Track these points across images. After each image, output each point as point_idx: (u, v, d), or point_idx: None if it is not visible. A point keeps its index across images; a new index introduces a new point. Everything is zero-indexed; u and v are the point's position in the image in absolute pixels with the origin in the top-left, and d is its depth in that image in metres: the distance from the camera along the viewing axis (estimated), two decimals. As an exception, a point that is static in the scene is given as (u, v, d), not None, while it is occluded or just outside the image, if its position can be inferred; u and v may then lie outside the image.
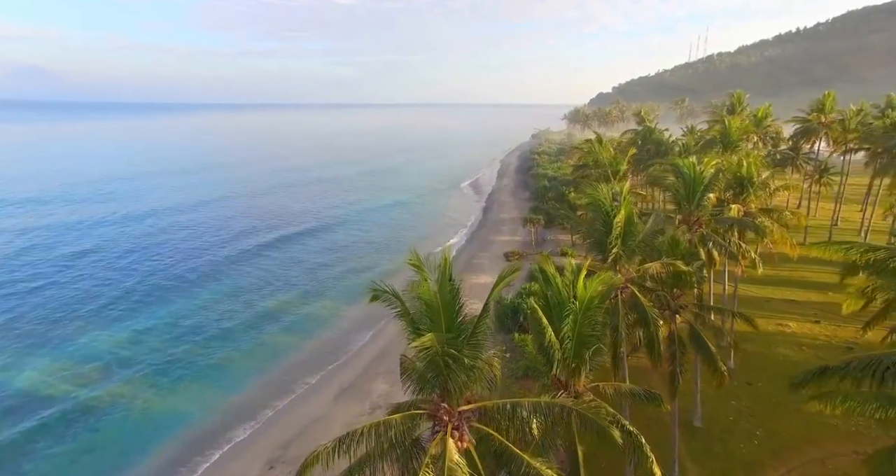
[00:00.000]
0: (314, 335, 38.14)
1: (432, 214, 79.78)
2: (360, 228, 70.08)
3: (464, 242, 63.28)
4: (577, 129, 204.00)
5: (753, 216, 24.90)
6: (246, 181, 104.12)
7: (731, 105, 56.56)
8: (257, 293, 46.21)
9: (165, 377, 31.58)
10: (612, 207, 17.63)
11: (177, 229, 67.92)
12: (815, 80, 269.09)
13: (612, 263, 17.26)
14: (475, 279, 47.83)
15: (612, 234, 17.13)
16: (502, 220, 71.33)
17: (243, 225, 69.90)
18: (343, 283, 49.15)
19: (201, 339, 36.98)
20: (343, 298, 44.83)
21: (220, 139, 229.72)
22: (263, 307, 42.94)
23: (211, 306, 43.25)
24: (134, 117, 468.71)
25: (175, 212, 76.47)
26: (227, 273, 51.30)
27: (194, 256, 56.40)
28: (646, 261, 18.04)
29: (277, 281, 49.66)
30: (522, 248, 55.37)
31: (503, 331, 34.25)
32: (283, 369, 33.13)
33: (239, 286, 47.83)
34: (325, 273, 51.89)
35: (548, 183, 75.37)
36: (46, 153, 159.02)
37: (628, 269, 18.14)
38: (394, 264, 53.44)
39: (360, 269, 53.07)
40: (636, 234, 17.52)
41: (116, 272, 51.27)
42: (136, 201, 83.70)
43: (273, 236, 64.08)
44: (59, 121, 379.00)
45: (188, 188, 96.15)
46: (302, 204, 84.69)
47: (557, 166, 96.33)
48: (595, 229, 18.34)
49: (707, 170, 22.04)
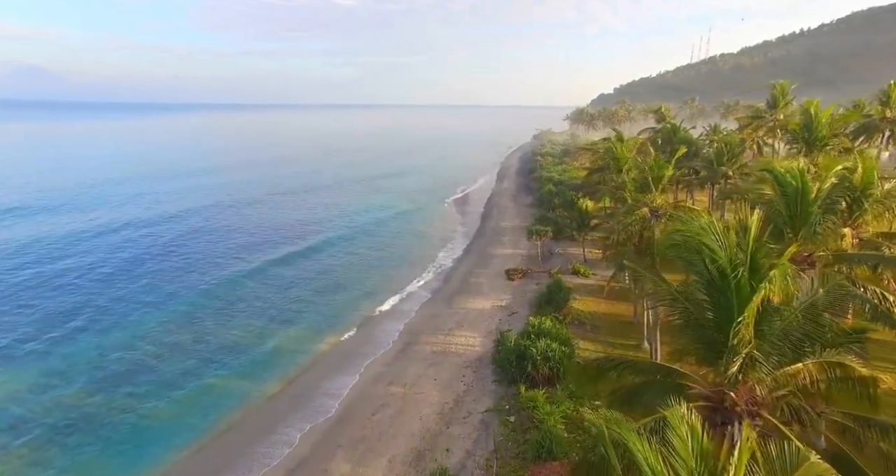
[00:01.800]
0: (273, 377, 30.63)
1: (426, 224, 72.33)
2: (349, 242, 62.52)
3: (460, 254, 55.89)
4: (580, 129, 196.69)
5: (875, 245, 17.06)
6: (228, 189, 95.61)
7: (773, 98, 48.77)
8: (213, 319, 38.74)
9: (55, 449, 24.01)
10: (736, 271, 9.33)
11: (140, 241, 60.45)
12: (818, 82, 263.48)
13: (729, 377, 9.34)
14: (472, 303, 40.45)
15: (737, 320, 9.21)
16: (503, 228, 63.84)
17: (212, 238, 62.12)
18: (320, 307, 41.63)
19: (127, 384, 29.53)
20: (318, 328, 37.36)
21: (215, 141, 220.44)
22: (218, 338, 35.41)
23: (153, 336, 35.79)
24: (133, 117, 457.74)
25: (147, 224, 68.11)
26: (183, 292, 43.80)
27: (149, 274, 48.89)
28: (787, 359, 10.16)
29: (241, 302, 42.19)
30: (527, 264, 47.90)
31: (505, 383, 26.81)
32: (225, 433, 25.64)
33: (192, 310, 40.32)
34: (298, 294, 44.31)
35: (553, 187, 67.87)
36: (32, 154, 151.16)
37: (754, 384, 9.96)
38: (382, 283, 46.30)
39: (341, 289, 45.61)
40: (783, 317, 9.68)
41: (53, 291, 43.84)
42: (112, 210, 75.52)
43: (250, 253, 55.35)
44: (57, 120, 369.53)
45: (166, 196, 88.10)
46: (289, 214, 76.50)
47: (562, 169, 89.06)
48: (681, 295, 10.52)
49: (827, 178, 14.44)
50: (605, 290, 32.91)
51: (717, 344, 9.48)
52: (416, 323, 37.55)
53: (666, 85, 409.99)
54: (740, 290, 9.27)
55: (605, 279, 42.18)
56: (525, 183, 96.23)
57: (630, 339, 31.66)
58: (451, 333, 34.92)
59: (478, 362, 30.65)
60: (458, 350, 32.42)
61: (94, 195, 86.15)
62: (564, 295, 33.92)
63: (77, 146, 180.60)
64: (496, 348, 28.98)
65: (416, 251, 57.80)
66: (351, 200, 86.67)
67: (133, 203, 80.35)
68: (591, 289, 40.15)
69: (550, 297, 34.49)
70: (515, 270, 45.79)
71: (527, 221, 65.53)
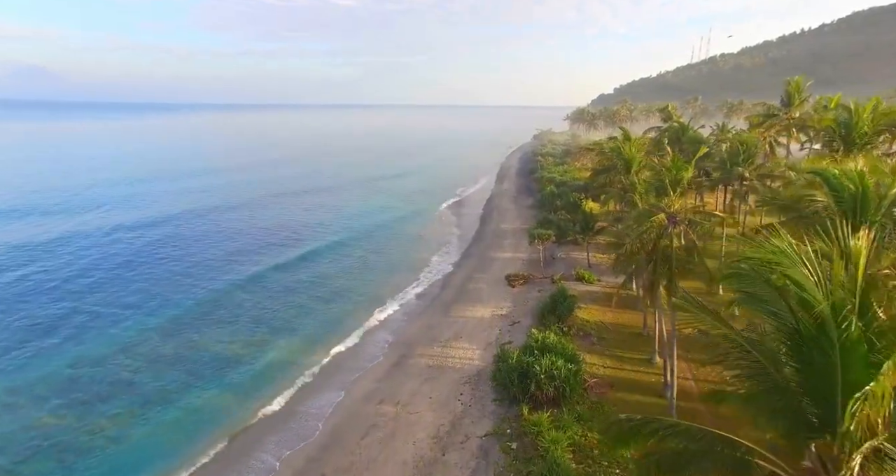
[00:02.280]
0: (254, 396, 28.34)
1: (424, 227, 70.15)
2: (343, 246, 60.26)
3: (458, 258, 53.70)
4: (581, 129, 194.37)
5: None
6: (225, 190, 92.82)
7: (787, 95, 46.13)
8: (197, 330, 36.46)
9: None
10: (845, 321, 6.52)
11: (129, 244, 58.24)
12: (820, 82, 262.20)
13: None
14: (471, 311, 38.22)
15: (857, 395, 6.46)
16: (503, 231, 61.59)
17: (203, 245, 59.56)
18: (309, 317, 39.32)
19: (101, 403, 27.30)
20: (305, 339, 35.07)
21: (215, 141, 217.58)
22: (199, 352, 33.12)
23: (131, 349, 33.56)
24: (133, 117, 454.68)
25: (135, 227, 65.48)
26: (165, 301, 41.55)
27: (133, 280, 46.65)
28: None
29: (223, 310, 39.92)
30: (528, 270, 45.69)
31: (506, 402, 24.57)
32: (197, 456, 23.38)
33: (175, 320, 38.03)
34: (287, 302, 42.02)
35: (555, 189, 65.58)
36: (31, 154, 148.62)
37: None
38: (376, 290, 44.14)
39: (333, 297, 43.40)
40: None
41: (32, 298, 41.62)
42: (103, 213, 73.02)
43: (239, 261, 52.25)
44: (57, 120, 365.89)
45: (158, 198, 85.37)
46: (285, 217, 73.82)
47: (564, 169, 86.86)
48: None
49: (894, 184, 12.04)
50: (614, 300, 30.74)
51: (804, 417, 7.06)
52: (411, 333, 35.31)
53: (666, 85, 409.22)
54: (850, 347, 6.76)
55: (611, 286, 40.04)
56: (525, 184, 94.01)
57: (640, 352, 29.47)
58: (448, 345, 32.69)
59: (476, 377, 28.43)
60: (455, 364, 30.21)
61: (88, 197, 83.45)
62: (569, 304, 31.71)
63: (76, 146, 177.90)
64: (496, 365, 26.73)
65: (412, 255, 55.57)
66: (349, 202, 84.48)
67: (124, 205, 77.99)
68: (596, 296, 37.95)
69: (554, 306, 32.27)
70: (516, 276, 43.57)
71: (528, 224, 63.32)
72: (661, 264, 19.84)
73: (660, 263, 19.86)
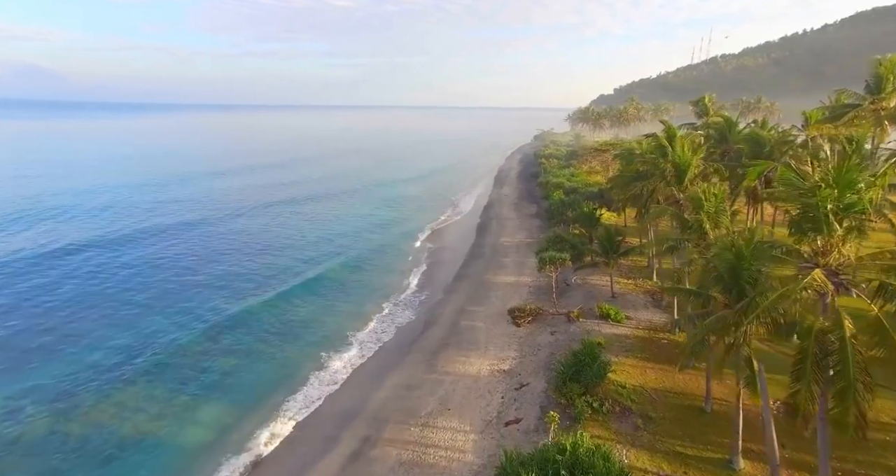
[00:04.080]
0: None
1: (412, 241, 60.91)
2: (334, 256, 50.86)
3: (450, 281, 44.33)
4: (585, 129, 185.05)
5: None
6: (213, 198, 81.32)
7: (877, 78, 34.35)
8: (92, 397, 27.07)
9: None
10: None
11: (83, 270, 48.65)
12: (823, 82, 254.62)
13: None
14: (463, 363, 28.84)
15: None
16: (504, 247, 52.10)
17: (173, 272, 49.27)
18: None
19: None
20: (229, 415, 25.83)
21: (214, 141, 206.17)
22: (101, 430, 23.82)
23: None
24: (133, 117, 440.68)
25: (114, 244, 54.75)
26: (101, 342, 32.15)
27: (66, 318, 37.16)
28: None
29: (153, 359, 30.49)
30: (536, 300, 36.28)
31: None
32: None
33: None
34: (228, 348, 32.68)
35: (565, 196, 56.10)
36: (29, 153, 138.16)
37: None
38: (339, 328, 35.00)
39: (290, 335, 34.08)
40: None
41: None
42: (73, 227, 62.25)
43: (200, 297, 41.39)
44: (57, 120, 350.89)
45: (144, 207, 73.75)
46: (274, 230, 62.85)
47: (570, 173, 77.39)
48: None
49: None
50: (657, 347, 21.38)
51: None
52: (381, 400, 25.89)
53: (667, 86, 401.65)
54: None
55: (645, 326, 30.67)
56: (527, 189, 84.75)
57: (710, 445, 19.99)
58: (429, 423, 23.29)
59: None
60: (438, 461, 20.77)
61: (49, 205, 72.56)
62: (599, 369, 22.32)
63: (76, 146, 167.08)
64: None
65: (387, 278, 46.34)
66: (335, 211, 75.02)
67: (97, 217, 66.69)
68: (628, 344, 28.52)
69: (579, 368, 22.87)
70: (522, 311, 34.08)
71: (533, 237, 53.99)
72: (816, 368, 10.12)
73: (813, 366, 10.15)
